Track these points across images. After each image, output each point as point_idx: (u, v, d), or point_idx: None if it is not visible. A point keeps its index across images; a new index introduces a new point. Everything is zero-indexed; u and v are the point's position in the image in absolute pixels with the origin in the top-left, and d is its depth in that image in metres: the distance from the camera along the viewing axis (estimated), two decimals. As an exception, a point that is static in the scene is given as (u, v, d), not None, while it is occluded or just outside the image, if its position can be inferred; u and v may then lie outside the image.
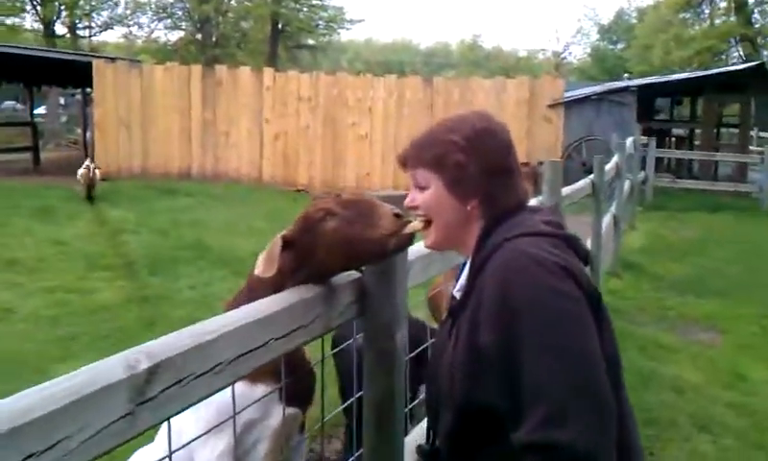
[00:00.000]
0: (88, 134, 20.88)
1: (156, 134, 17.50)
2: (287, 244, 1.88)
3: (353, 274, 2.02)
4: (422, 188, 1.74)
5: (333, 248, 1.83)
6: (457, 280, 1.85)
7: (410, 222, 1.79)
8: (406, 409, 2.27)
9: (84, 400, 1.11)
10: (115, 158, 17.41)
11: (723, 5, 39.49)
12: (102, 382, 1.15)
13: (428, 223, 1.75)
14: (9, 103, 45.91)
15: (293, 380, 2.03)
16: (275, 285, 1.83)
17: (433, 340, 2.15)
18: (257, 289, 1.93)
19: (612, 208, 8.78)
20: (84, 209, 12.67)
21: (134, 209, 12.62)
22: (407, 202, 1.79)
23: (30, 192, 14.37)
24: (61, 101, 36.84)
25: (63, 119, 36.40)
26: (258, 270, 1.80)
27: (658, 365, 5.83)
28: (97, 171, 13.92)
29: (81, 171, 13.82)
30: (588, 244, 6.68)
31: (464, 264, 1.83)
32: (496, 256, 1.56)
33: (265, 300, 1.67)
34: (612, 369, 1.53)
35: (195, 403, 1.40)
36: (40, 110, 35.56)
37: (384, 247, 1.79)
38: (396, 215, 1.79)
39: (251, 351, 1.53)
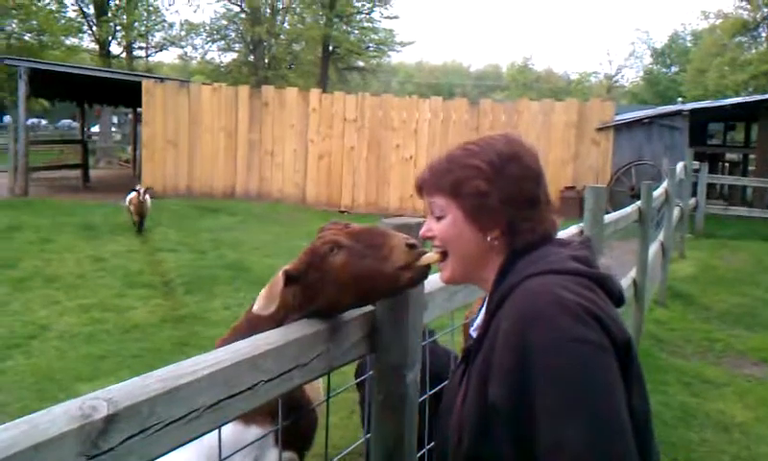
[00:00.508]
0: (138, 153, 21.16)
1: (202, 154, 17.68)
2: (292, 279, 1.74)
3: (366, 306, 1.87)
4: (440, 217, 1.59)
5: (342, 283, 1.69)
6: (477, 318, 1.69)
7: (425, 252, 1.64)
8: (423, 450, 2.10)
9: (21, 455, 0.97)
10: (162, 178, 17.62)
11: (781, 29, 38.69)
12: (44, 434, 1.01)
13: (445, 254, 1.60)
14: (65, 121, 47.13)
15: (290, 422, 1.87)
16: (277, 320, 1.69)
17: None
18: (258, 325, 1.79)
19: (660, 236, 8.50)
20: (126, 227, 12.71)
21: (177, 228, 12.68)
22: (423, 231, 1.64)
23: (76, 209, 14.56)
24: (114, 120, 37.59)
25: (118, 138, 37.14)
26: (257, 306, 1.66)
27: (702, 401, 5.55)
28: (148, 197, 12.04)
29: (129, 196, 12.04)
30: (634, 272, 6.45)
31: (485, 299, 1.67)
32: (515, 295, 1.40)
33: (256, 336, 1.53)
34: (641, 423, 1.36)
35: (165, 454, 1.26)
36: (95, 129, 36.38)
37: (396, 282, 1.65)
38: (410, 246, 1.64)
39: (234, 395, 1.38)
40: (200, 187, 17.67)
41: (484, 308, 1.60)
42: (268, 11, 41.36)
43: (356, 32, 42.34)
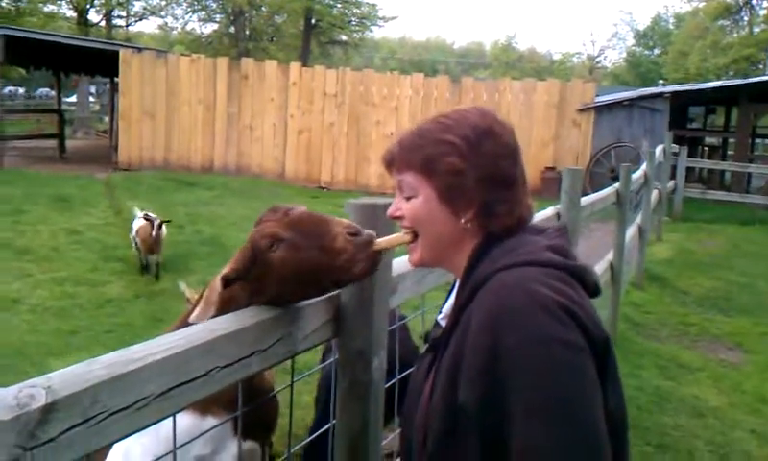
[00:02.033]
0: (115, 124, 20.91)
1: (180, 126, 17.49)
2: (231, 281, 1.64)
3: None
4: (410, 197, 1.49)
5: (286, 279, 1.58)
6: (444, 303, 1.61)
7: (370, 241, 1.55)
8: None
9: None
10: (138, 149, 17.46)
11: (763, 13, 38.83)
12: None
13: (415, 236, 1.51)
14: (43, 90, 46.58)
15: (250, 410, 1.79)
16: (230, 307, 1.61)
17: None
18: (212, 314, 1.70)
19: (638, 219, 8.51)
20: (101, 199, 12.55)
21: (153, 201, 12.49)
22: (391, 211, 1.55)
23: (51, 180, 14.35)
24: (92, 89, 37.12)
25: (95, 108, 36.72)
26: (193, 315, 1.58)
27: (677, 385, 5.56)
28: (163, 230, 8.12)
29: (136, 224, 8.32)
30: (611, 255, 6.44)
31: (454, 284, 1.59)
32: (488, 288, 1.32)
33: (212, 320, 1.46)
34: (618, 424, 1.30)
35: (112, 443, 1.20)
36: (72, 99, 35.95)
37: (341, 274, 1.56)
38: (352, 234, 1.54)
39: (186, 382, 1.31)
40: (177, 160, 17.48)
41: (453, 296, 1.52)
42: (250, -19, 40.90)
43: (339, 5, 41.93)
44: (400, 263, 2.00)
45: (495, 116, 1.51)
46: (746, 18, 39.94)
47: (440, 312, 1.61)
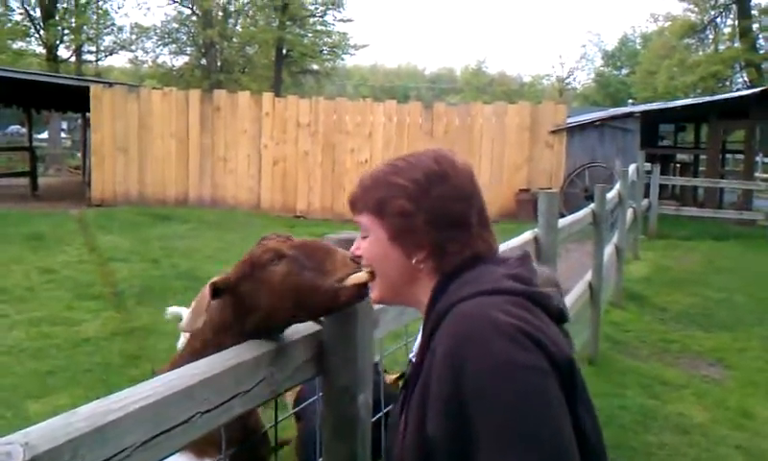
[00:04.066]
0: (88, 160, 20.74)
1: (153, 160, 17.34)
2: (221, 291, 1.64)
3: (312, 325, 1.78)
4: (365, 236, 1.54)
5: (280, 295, 1.60)
6: (415, 341, 1.62)
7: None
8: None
9: None
10: (112, 184, 17.29)
11: (727, 31, 39.50)
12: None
13: (373, 274, 1.54)
14: (13, 127, 46.20)
15: (246, 449, 1.77)
16: (220, 343, 1.59)
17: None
18: (201, 351, 1.68)
19: (614, 238, 8.55)
20: (75, 236, 12.40)
21: (128, 236, 12.39)
22: (353, 249, 1.59)
23: (24, 219, 14.15)
24: (64, 125, 36.89)
25: (67, 144, 36.44)
26: (182, 323, 1.57)
27: (661, 403, 5.56)
28: None
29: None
30: (590, 275, 6.46)
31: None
32: (448, 321, 1.33)
33: (192, 365, 1.43)
34: (593, 445, 1.30)
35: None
36: (43, 135, 35.69)
37: (336, 298, 1.58)
38: (355, 260, 1.57)
39: (167, 430, 1.28)
40: (152, 194, 17.34)
41: (420, 332, 1.53)
42: (220, 13, 41.01)
43: (310, 35, 42.17)
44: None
45: (453, 160, 1.53)
46: (711, 36, 40.56)
47: (412, 350, 1.62)
